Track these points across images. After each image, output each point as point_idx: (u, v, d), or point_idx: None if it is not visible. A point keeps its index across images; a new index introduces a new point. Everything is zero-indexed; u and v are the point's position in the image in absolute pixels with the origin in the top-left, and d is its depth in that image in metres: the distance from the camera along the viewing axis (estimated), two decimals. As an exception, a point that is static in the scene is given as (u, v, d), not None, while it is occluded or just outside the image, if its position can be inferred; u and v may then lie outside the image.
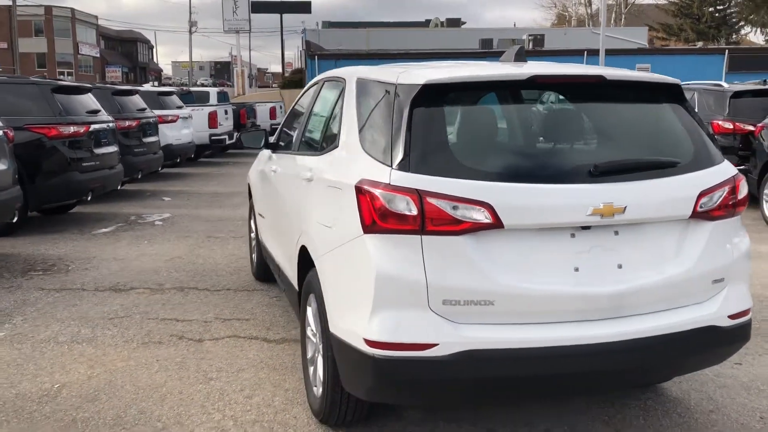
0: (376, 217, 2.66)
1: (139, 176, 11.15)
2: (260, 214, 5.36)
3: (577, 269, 2.70)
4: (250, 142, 5.22)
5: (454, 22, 46.41)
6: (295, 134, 4.54)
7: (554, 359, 2.65)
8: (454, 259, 2.61)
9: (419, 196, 2.60)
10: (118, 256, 6.99)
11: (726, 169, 2.98)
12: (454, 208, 2.58)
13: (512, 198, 2.61)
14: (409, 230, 2.62)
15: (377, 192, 2.67)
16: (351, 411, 3.16)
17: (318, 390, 3.34)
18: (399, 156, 2.70)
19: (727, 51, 35.65)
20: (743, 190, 2.99)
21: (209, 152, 17.07)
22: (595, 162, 2.73)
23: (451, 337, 2.61)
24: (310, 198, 3.42)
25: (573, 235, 2.71)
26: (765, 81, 10.18)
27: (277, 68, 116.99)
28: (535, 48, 40.30)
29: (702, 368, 3.21)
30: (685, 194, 2.81)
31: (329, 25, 49.34)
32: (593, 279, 2.71)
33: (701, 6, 60.66)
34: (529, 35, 40.46)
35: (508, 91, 3.03)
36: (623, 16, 62.92)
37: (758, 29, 64.05)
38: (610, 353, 2.69)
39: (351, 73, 3.67)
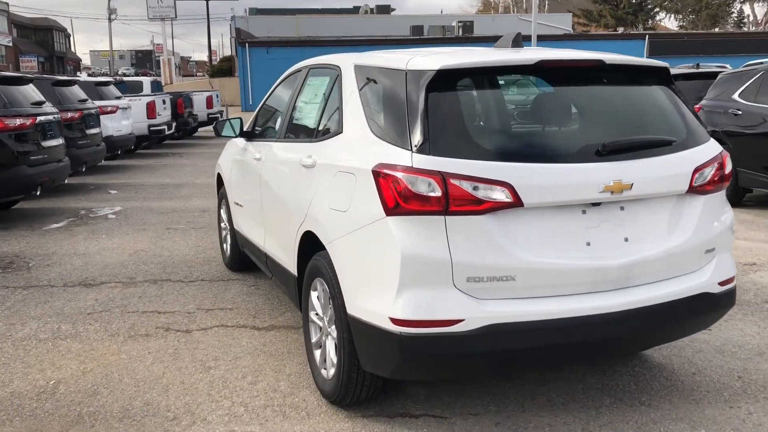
0: (400, 200, 2.74)
1: (83, 169, 10.81)
2: (237, 203, 5.34)
3: (588, 244, 2.87)
4: (225, 130, 5.20)
5: (384, 9, 46.51)
6: (279, 122, 4.55)
7: (571, 329, 2.81)
8: (477, 238, 2.73)
9: (443, 177, 2.69)
10: (78, 251, 6.81)
11: (714, 147, 3.20)
12: (476, 188, 2.70)
13: (531, 177, 2.74)
14: (433, 211, 2.71)
15: (400, 175, 2.75)
16: (366, 390, 3.25)
17: (329, 372, 3.41)
18: (418, 139, 2.79)
19: (647, 36, 37.06)
20: (729, 166, 3.23)
21: (146, 143, 16.65)
22: (603, 141, 2.89)
23: (475, 313, 2.73)
24: (315, 184, 3.46)
25: (584, 212, 2.87)
26: (698, 65, 10.74)
27: (201, 56, 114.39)
28: (465, 34, 40.92)
29: (695, 332, 3.44)
30: (682, 170, 3.02)
31: (256, 11, 48.54)
32: (604, 252, 2.88)
33: (620, -8, 62.73)
34: (459, 22, 41.06)
35: (518, 75, 3.15)
36: (547, 3, 64.42)
37: (672, 15, 66.93)
38: (620, 321, 2.87)
39: (345, 59, 3.72)
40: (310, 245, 3.60)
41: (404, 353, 2.80)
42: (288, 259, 3.97)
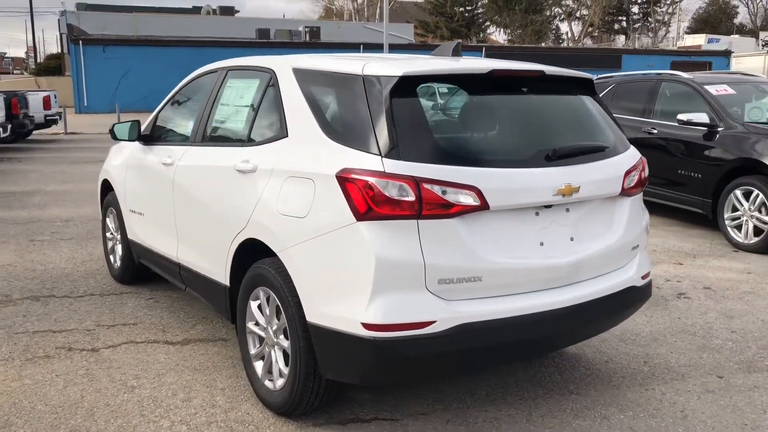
0: (372, 204, 2.75)
1: None
2: (134, 212, 5.03)
3: (542, 244, 3.04)
4: (123, 134, 4.90)
5: (228, 10, 45.38)
6: (192, 125, 4.36)
7: (530, 325, 2.97)
8: (448, 241, 2.80)
9: (415, 182, 2.74)
10: (-69, 267, 6.07)
11: (635, 152, 3.52)
12: (446, 192, 2.77)
13: (496, 181, 2.86)
14: (406, 215, 2.75)
15: (372, 180, 2.76)
16: (320, 398, 3.22)
17: (276, 383, 3.33)
18: (386, 144, 2.81)
19: (483, 48, 39.23)
20: (647, 170, 3.55)
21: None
22: (551, 147, 3.08)
23: (446, 313, 2.81)
24: (258, 189, 3.36)
25: (537, 213, 3.03)
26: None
27: (16, 53, 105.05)
28: (311, 40, 41.03)
29: (620, 323, 3.73)
30: (615, 174, 3.28)
31: (86, 7, 45.47)
32: (555, 251, 3.07)
33: (453, 6, 65.93)
34: (306, 27, 41.07)
35: (471, 83, 3.25)
36: (386, 12, 66.10)
37: (501, 29, 71.40)
38: (568, 315, 3.08)
39: (279, 63, 3.65)
40: (248, 253, 3.50)
41: (378, 358, 2.81)
42: (216, 268, 3.82)
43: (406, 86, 2.94)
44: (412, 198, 2.74)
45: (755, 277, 5.94)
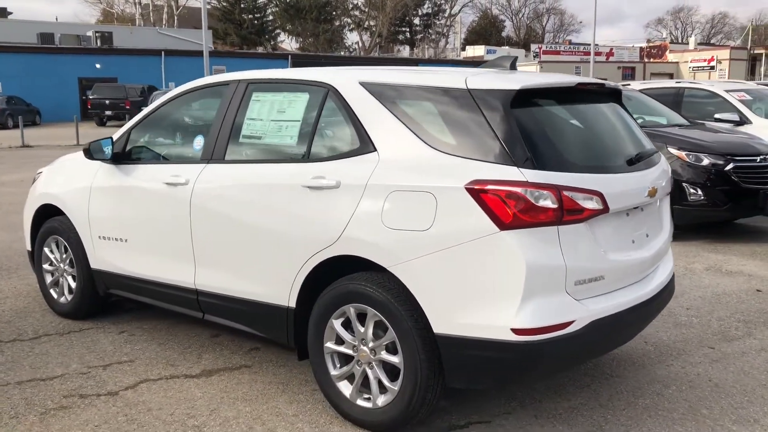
0: (519, 213, 2.86)
1: None
2: (109, 238, 4.54)
3: (633, 241, 3.36)
4: (101, 154, 4.45)
5: (0, 12, 40.92)
6: (201, 142, 4.07)
7: (635, 313, 3.29)
8: (580, 244, 3.00)
9: (557, 190, 2.90)
10: None
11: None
12: (580, 198, 2.96)
13: (613, 186, 3.12)
14: (548, 222, 2.90)
15: (519, 190, 2.87)
16: (429, 408, 3.24)
17: (377, 401, 3.30)
18: (521, 156, 2.94)
19: (290, 56, 39.46)
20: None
21: None
22: (632, 152, 3.41)
23: (582, 313, 3.00)
24: (350, 206, 3.27)
25: (627, 214, 3.34)
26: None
27: None
28: (104, 45, 38.39)
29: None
30: (668, 175, 3.70)
31: None
32: (642, 247, 3.41)
33: (242, 13, 65.31)
34: (97, 32, 38.32)
35: (567, 95, 3.47)
36: (176, 18, 63.81)
37: (294, 37, 72.10)
38: (653, 300, 3.47)
39: (337, 77, 3.59)
40: (324, 272, 3.42)
41: (526, 361, 2.92)
42: (271, 290, 3.64)
43: (523, 99, 3.09)
44: (555, 205, 2.89)
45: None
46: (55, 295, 5.12)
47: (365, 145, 3.36)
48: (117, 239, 4.51)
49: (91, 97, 33.56)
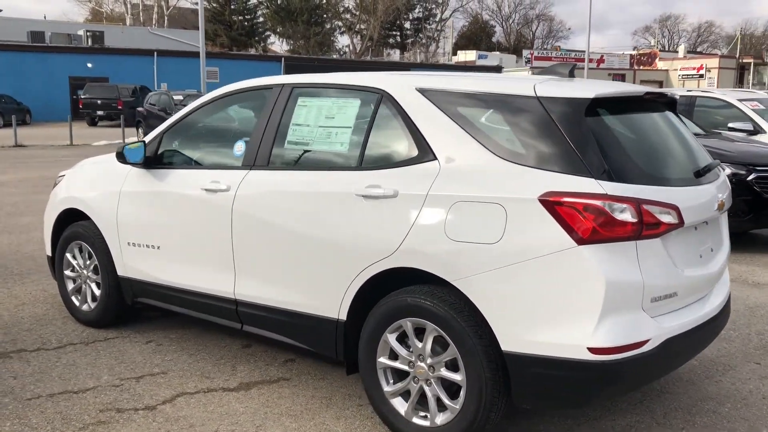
0: (598, 227, 2.75)
1: None
2: (140, 245, 4.39)
3: (701, 256, 3.25)
4: (135, 157, 4.30)
5: (-11, 10, 40.40)
6: (243, 148, 3.93)
7: (704, 329, 3.18)
8: (658, 260, 2.89)
9: (637, 204, 2.79)
10: None
11: (714, 165, 3.88)
12: (659, 212, 2.86)
13: (687, 200, 3.02)
14: (627, 237, 2.79)
15: (598, 203, 2.75)
16: (493, 427, 3.12)
17: (435, 419, 3.18)
18: (599, 167, 2.82)
19: (283, 59, 39.23)
20: (726, 184, 3.93)
21: None
22: (697, 165, 3.31)
23: (656, 331, 2.89)
24: (408, 216, 3.14)
25: (696, 228, 3.23)
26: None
27: None
28: (95, 45, 38.01)
29: None
30: (729, 189, 3.59)
31: None
32: (708, 262, 3.31)
33: (232, 14, 65.02)
34: (88, 31, 37.92)
35: (632, 104, 3.36)
36: (166, 18, 63.40)
37: (285, 40, 71.85)
38: (718, 316, 3.37)
39: (391, 82, 3.47)
40: (377, 284, 3.30)
41: (602, 382, 2.81)
42: (320, 302, 3.51)
43: (597, 108, 2.99)
44: (635, 219, 2.78)
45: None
46: (77, 303, 4.96)
47: (424, 153, 3.24)
48: (148, 246, 4.36)
49: (82, 96, 33.20)
